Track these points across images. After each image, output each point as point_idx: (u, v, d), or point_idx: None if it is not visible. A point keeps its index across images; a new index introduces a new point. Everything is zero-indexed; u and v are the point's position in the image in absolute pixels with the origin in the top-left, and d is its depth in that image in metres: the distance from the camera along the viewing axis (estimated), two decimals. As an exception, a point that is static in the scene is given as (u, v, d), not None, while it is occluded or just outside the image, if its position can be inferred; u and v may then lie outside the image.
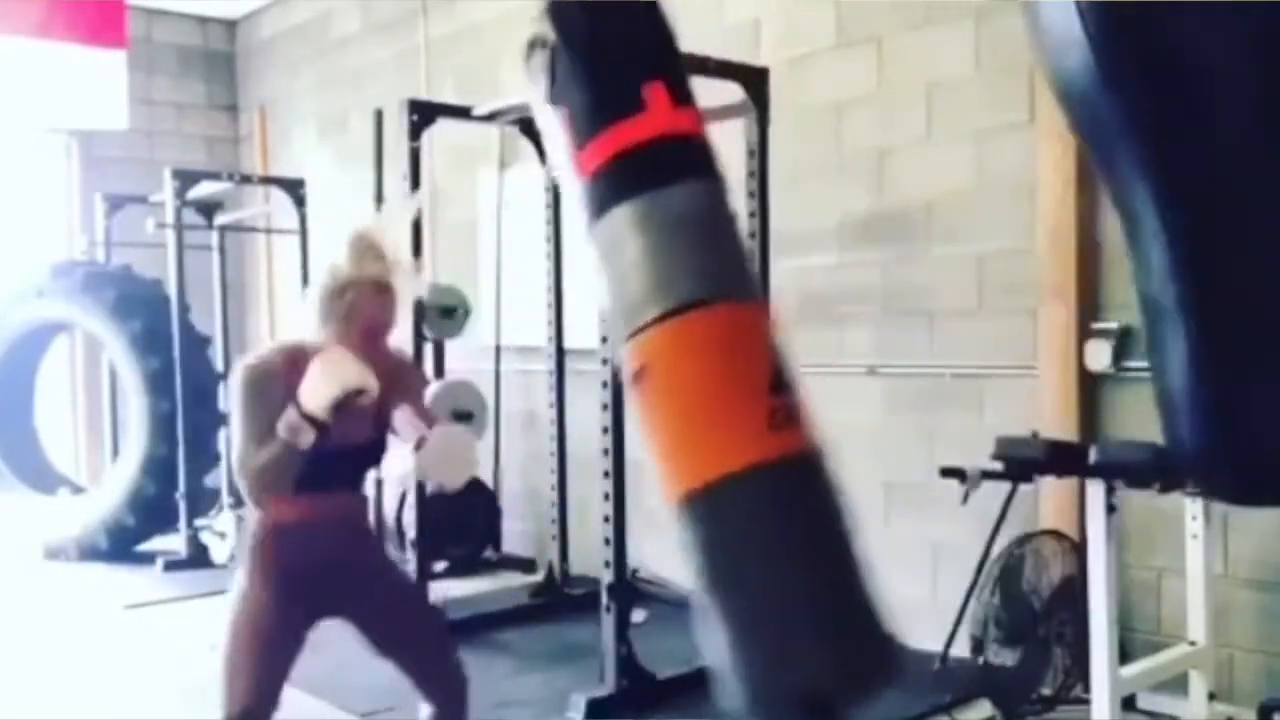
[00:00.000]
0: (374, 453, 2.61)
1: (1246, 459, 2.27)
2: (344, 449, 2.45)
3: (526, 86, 2.36)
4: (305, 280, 6.43)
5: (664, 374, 2.11)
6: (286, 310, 7.44)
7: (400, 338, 2.67)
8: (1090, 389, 3.82)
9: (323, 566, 2.53)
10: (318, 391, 2.29)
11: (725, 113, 4.30)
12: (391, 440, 2.60)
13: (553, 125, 2.31)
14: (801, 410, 2.14)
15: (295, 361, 2.37)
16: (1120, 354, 3.69)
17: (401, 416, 2.54)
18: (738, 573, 2.06)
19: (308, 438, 2.29)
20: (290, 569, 2.51)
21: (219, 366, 6.60)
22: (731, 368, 2.09)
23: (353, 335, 2.41)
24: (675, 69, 2.34)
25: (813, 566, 2.07)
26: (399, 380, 2.55)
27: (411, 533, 4.74)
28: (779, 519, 2.03)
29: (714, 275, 2.14)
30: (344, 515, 2.59)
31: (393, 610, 2.67)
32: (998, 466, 3.25)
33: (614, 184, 2.19)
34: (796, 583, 2.04)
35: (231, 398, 2.45)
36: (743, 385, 2.08)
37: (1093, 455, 2.86)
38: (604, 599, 3.76)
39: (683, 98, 2.30)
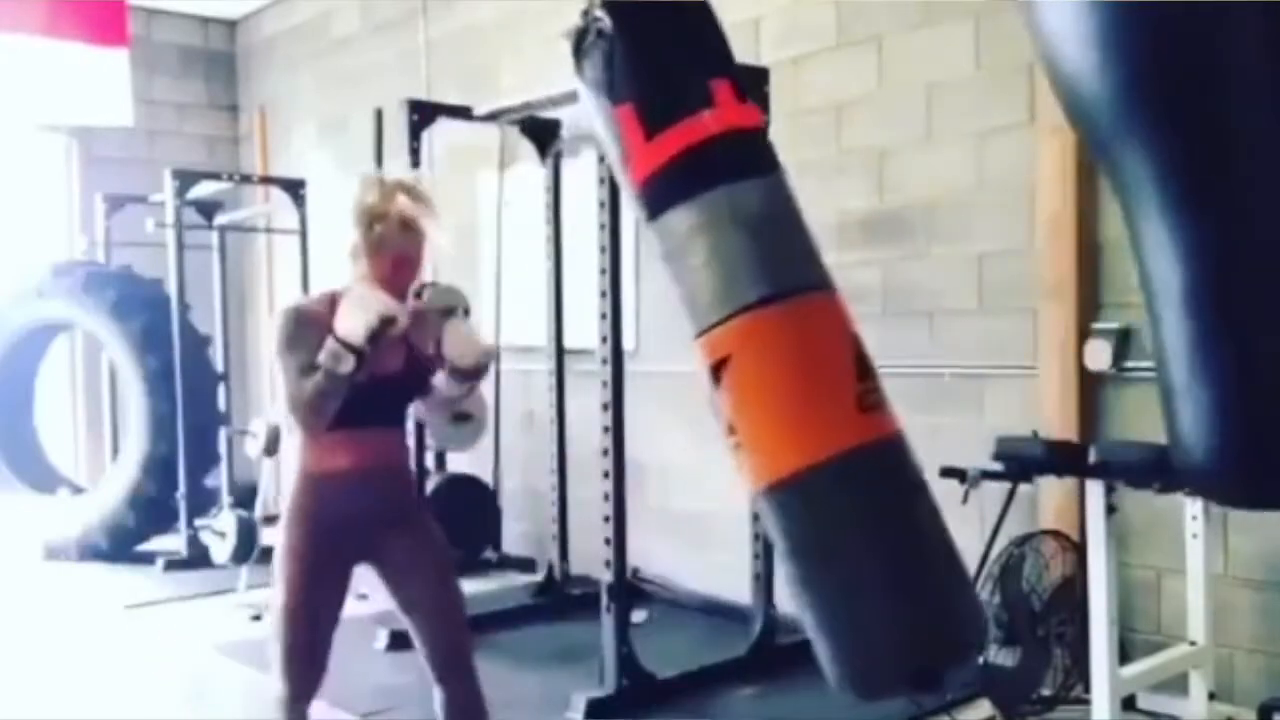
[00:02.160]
0: (408, 386, 2.66)
1: (1257, 462, 2.18)
2: (377, 381, 2.52)
3: (574, 79, 2.37)
4: (305, 279, 6.45)
5: (745, 369, 2.16)
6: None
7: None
8: (1090, 389, 3.82)
9: (368, 512, 2.58)
10: (353, 321, 2.41)
11: (725, 113, 4.30)
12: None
13: (605, 121, 2.32)
14: (883, 394, 2.22)
15: (333, 304, 2.48)
16: (1120, 353, 3.69)
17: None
18: (834, 557, 2.12)
19: (347, 364, 2.40)
20: (330, 521, 2.55)
21: (219, 366, 6.60)
22: (815, 357, 2.18)
23: (382, 268, 2.52)
24: (734, 65, 2.39)
25: (907, 546, 2.12)
26: (423, 319, 2.66)
27: (411, 533, 4.73)
28: (876, 500, 2.11)
29: (786, 268, 2.23)
30: (382, 461, 2.62)
31: (421, 563, 2.65)
32: (998, 466, 3.25)
33: (680, 181, 2.21)
34: (893, 563, 2.09)
35: (275, 341, 2.53)
36: (828, 373, 2.18)
37: (1093, 455, 2.87)
38: (604, 599, 3.76)
39: (744, 93, 2.33)
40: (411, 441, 4.69)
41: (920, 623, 2.08)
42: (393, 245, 2.52)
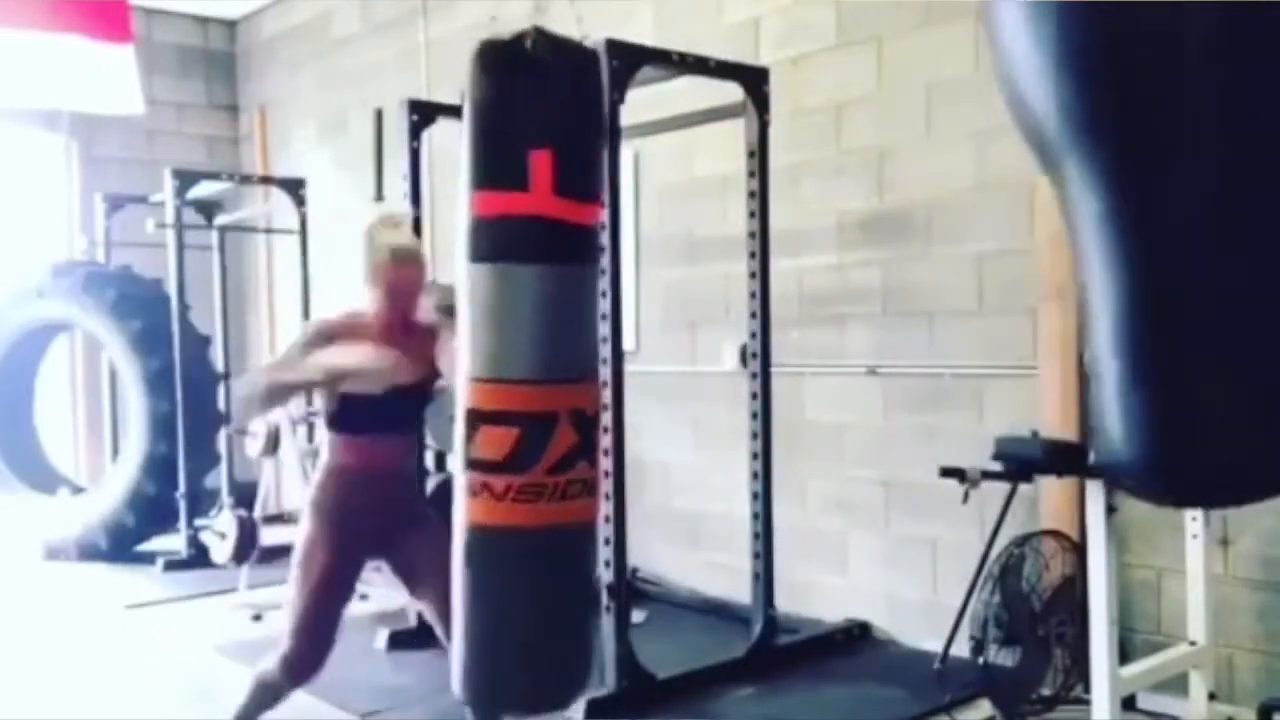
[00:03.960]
0: (421, 397, 2.99)
1: (1172, 463, 2.37)
2: (399, 392, 2.82)
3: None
4: (305, 279, 6.46)
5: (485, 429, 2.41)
6: (286, 310, 7.44)
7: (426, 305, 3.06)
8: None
9: (379, 508, 2.90)
10: (346, 363, 2.71)
11: (725, 113, 4.31)
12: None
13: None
14: (550, 489, 2.40)
15: (352, 330, 2.85)
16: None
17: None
18: (474, 601, 2.46)
19: (318, 382, 2.76)
20: (351, 510, 2.88)
21: (219, 366, 6.60)
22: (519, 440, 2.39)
23: (385, 299, 2.86)
24: (574, 155, 2.46)
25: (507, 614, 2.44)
26: (435, 337, 2.93)
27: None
28: (498, 572, 2.44)
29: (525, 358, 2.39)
30: (398, 461, 2.99)
31: (428, 556, 2.92)
32: (998, 466, 3.25)
33: (486, 241, 2.40)
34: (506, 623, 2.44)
35: (299, 337, 2.87)
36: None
37: (1093, 455, 2.86)
38: (604, 599, 3.76)
39: (566, 189, 2.40)
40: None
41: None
42: (394, 280, 2.85)
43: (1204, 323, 2.24)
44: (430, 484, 5.10)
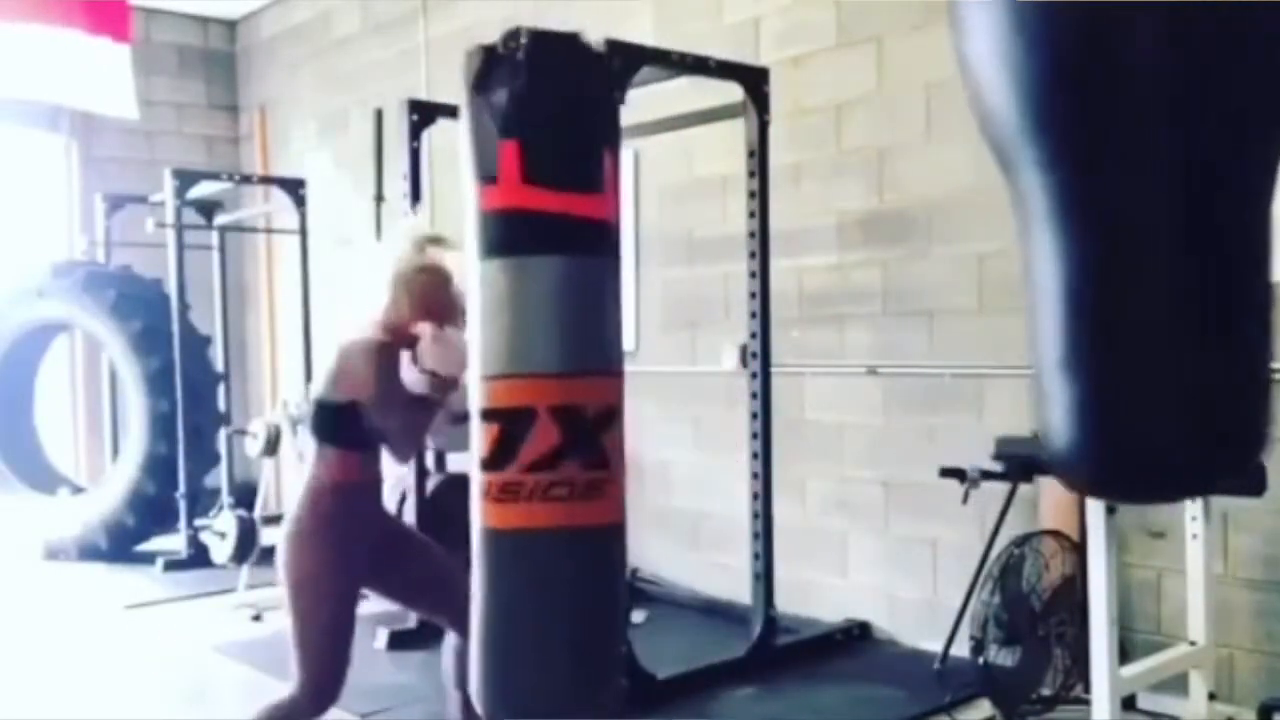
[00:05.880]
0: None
1: (1111, 453, 2.42)
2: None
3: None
4: (305, 279, 6.46)
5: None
6: (286, 310, 7.44)
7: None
8: (1090, 389, 3.82)
9: (375, 525, 2.77)
10: (450, 360, 2.60)
11: (725, 113, 4.31)
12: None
13: (481, 138, 2.51)
14: (560, 488, 2.32)
15: (383, 346, 2.67)
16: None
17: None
18: (486, 606, 2.41)
19: (443, 395, 2.62)
20: (352, 529, 2.67)
21: (219, 366, 6.60)
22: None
23: (417, 315, 2.66)
24: (547, 147, 2.42)
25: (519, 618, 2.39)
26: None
27: (411, 533, 4.74)
28: (503, 575, 2.41)
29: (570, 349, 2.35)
30: (380, 475, 2.79)
31: (420, 569, 2.83)
32: (998, 466, 3.25)
33: (529, 233, 2.37)
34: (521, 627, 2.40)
35: (366, 376, 2.60)
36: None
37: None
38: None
39: (537, 178, 2.37)
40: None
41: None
42: (431, 296, 2.68)
43: (1138, 315, 2.33)
44: (430, 484, 5.11)
